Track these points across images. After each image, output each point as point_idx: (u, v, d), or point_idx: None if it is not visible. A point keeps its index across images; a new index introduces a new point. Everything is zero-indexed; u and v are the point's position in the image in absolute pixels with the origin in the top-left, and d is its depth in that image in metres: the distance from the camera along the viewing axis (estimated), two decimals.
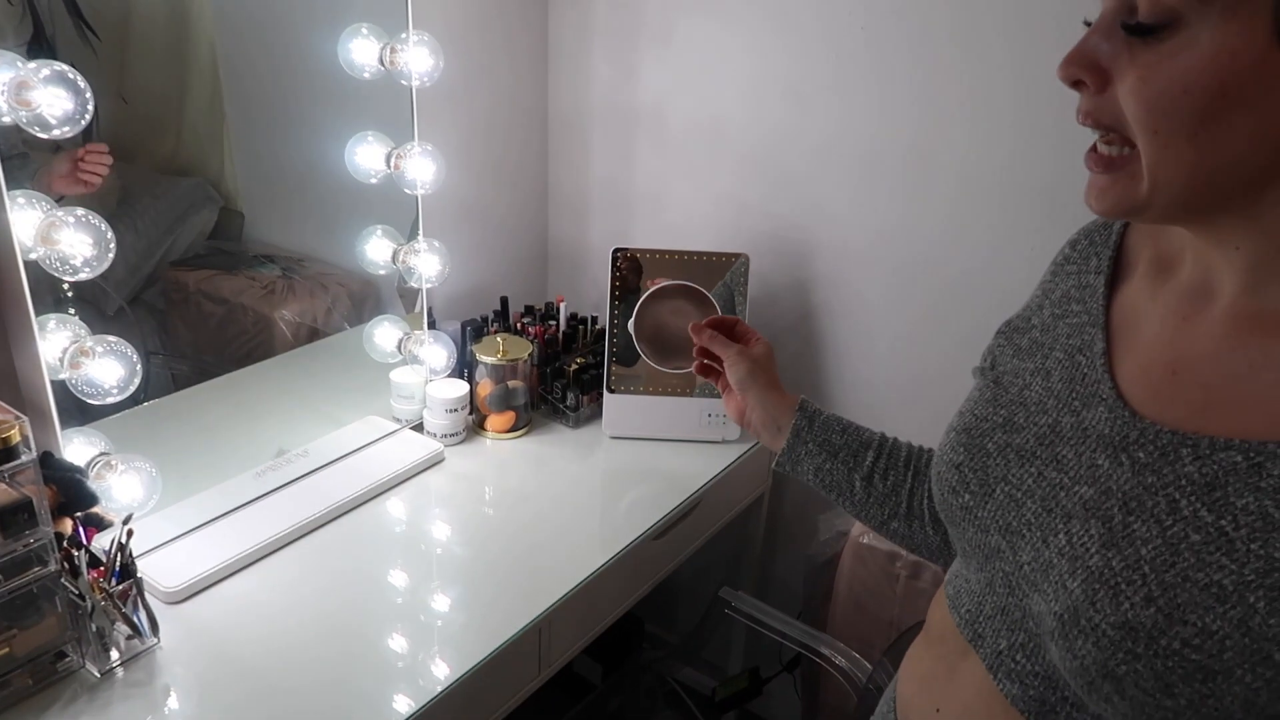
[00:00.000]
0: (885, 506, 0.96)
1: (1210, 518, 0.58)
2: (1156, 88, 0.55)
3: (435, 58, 1.37)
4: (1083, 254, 0.77)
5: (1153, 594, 0.58)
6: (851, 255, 1.56)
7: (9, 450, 0.93)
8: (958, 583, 0.79)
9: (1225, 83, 0.53)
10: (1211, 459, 0.59)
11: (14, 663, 0.99)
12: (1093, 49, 0.59)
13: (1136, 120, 0.57)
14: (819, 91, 1.51)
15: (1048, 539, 0.66)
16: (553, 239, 1.95)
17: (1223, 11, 0.52)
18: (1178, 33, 0.54)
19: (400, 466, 1.45)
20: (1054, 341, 0.74)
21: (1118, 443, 0.65)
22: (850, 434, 0.99)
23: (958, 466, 0.75)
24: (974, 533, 0.73)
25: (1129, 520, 0.61)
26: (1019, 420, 0.73)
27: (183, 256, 1.41)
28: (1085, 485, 0.65)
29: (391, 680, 1.08)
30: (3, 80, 0.94)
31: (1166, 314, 0.68)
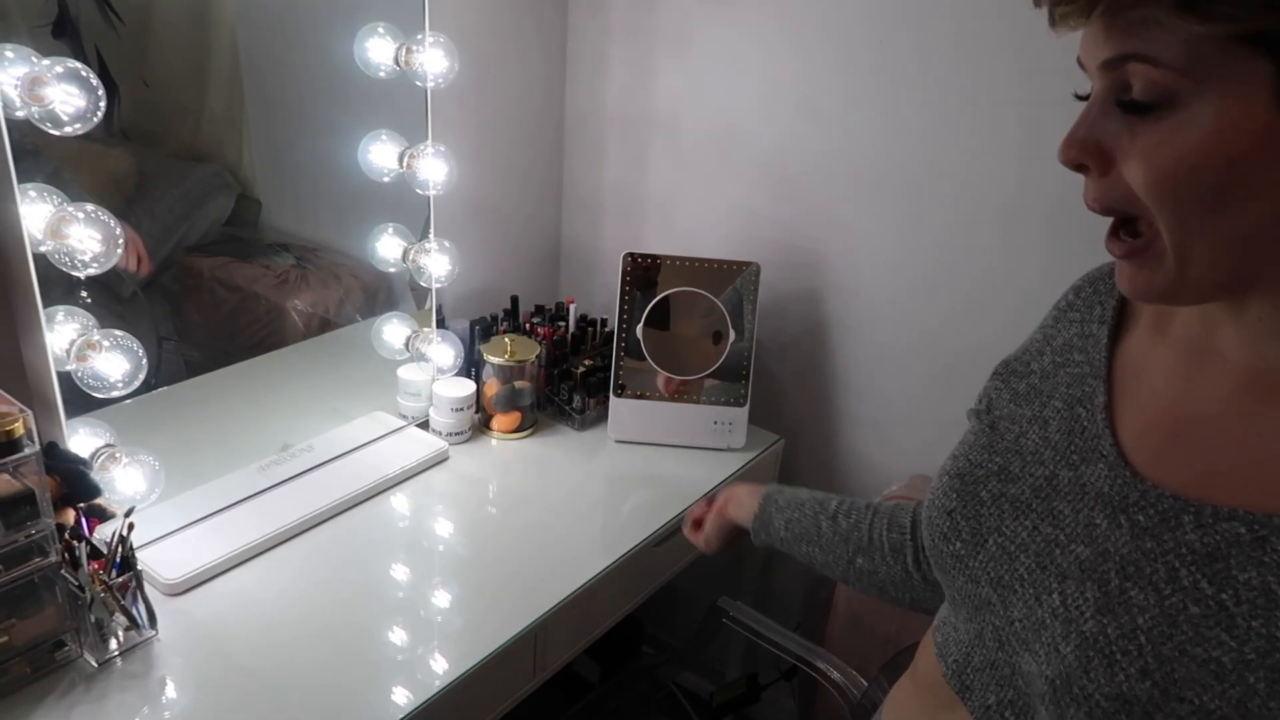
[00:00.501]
0: (849, 542, 0.99)
1: (1210, 590, 0.56)
2: (1163, 169, 0.53)
3: (450, 59, 1.37)
4: (1086, 301, 0.76)
5: (1149, 666, 0.56)
6: (862, 266, 1.56)
7: (12, 443, 0.93)
8: (946, 630, 0.78)
9: (1232, 157, 0.51)
10: (1214, 528, 0.58)
11: (13, 651, 1.00)
12: (1092, 130, 0.56)
13: (1149, 197, 0.55)
14: (833, 103, 1.50)
15: (1040, 597, 0.65)
16: (565, 240, 1.95)
17: (1219, 86, 0.51)
18: (1176, 110, 0.52)
19: (405, 464, 1.46)
20: (1053, 390, 0.73)
21: (1117, 503, 0.63)
22: (814, 494, 1.06)
23: (950, 513, 0.73)
24: (964, 582, 0.72)
25: (1126, 586, 0.60)
26: (1014, 469, 0.71)
27: (198, 242, 1.42)
28: (1082, 544, 0.64)
29: (391, 674, 1.09)
30: (17, 75, 0.94)
31: (1169, 371, 0.66)
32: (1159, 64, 0.51)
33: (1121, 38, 0.53)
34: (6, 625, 0.99)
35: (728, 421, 1.58)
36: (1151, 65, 0.52)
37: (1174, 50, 0.51)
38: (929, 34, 1.38)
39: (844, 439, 1.69)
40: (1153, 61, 0.52)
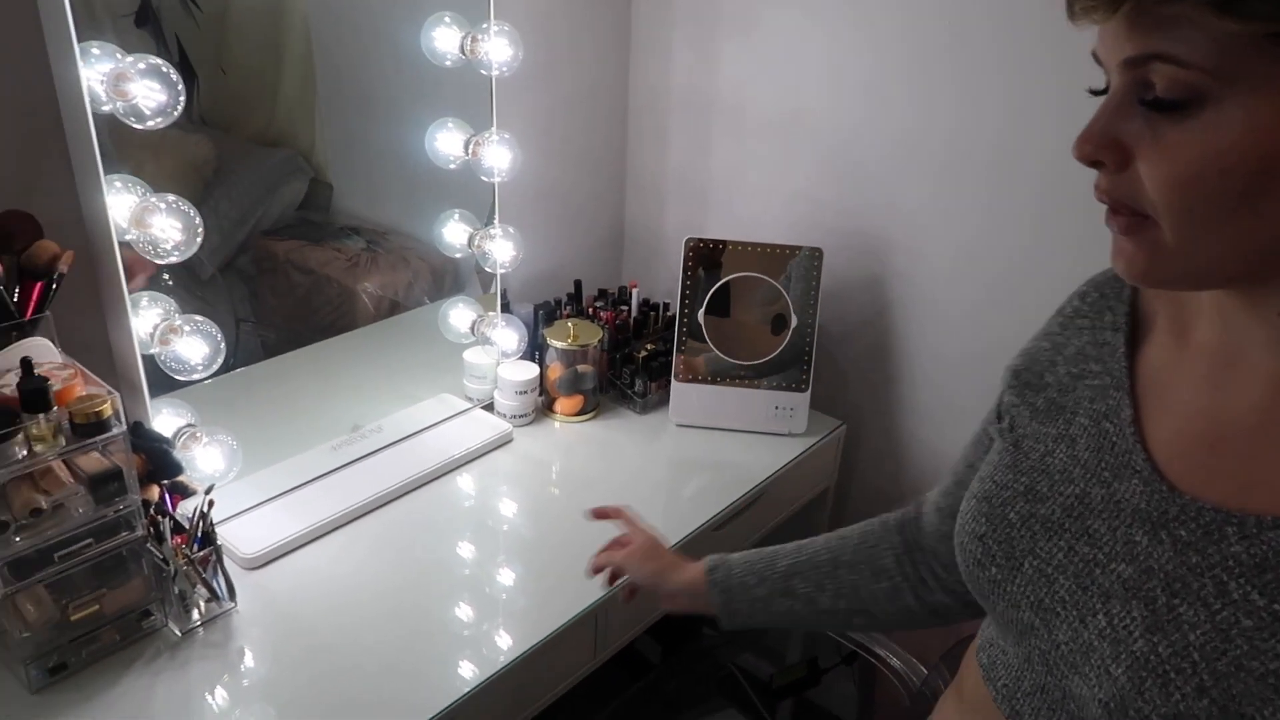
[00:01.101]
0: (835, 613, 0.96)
1: (1262, 602, 0.55)
2: (1189, 170, 0.52)
3: (515, 48, 1.38)
4: (1094, 307, 0.74)
5: (1205, 684, 0.55)
6: (929, 255, 1.54)
7: (101, 423, 0.98)
8: (993, 652, 0.77)
9: (1265, 157, 0.50)
10: (1259, 539, 0.56)
11: (103, 620, 1.06)
12: (1110, 126, 0.55)
13: (1164, 200, 0.53)
14: (901, 86, 1.48)
15: (1085, 619, 0.63)
16: (629, 225, 1.96)
17: (1250, 87, 0.49)
18: (1204, 109, 0.50)
19: (471, 445, 1.49)
20: (1076, 405, 0.70)
21: (1156, 519, 0.62)
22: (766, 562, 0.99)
23: (981, 538, 0.72)
24: (1004, 607, 0.70)
25: (1174, 603, 0.58)
26: (1042, 489, 0.69)
27: (273, 226, 1.46)
28: (1123, 563, 0.62)
29: (457, 649, 1.12)
30: (103, 71, 0.98)
31: (1197, 379, 0.64)
32: (1186, 64, 0.50)
33: (1146, 36, 0.51)
34: (97, 595, 1.05)
35: (789, 407, 1.58)
36: (1177, 65, 0.50)
37: (1203, 50, 0.49)
38: (1006, 11, 1.34)
39: (906, 425, 1.67)
40: (1179, 62, 0.50)
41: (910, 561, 0.94)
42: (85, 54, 0.98)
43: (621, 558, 1.08)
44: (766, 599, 0.97)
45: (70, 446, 0.98)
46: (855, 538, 0.98)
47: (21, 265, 1.03)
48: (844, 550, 0.97)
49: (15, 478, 0.95)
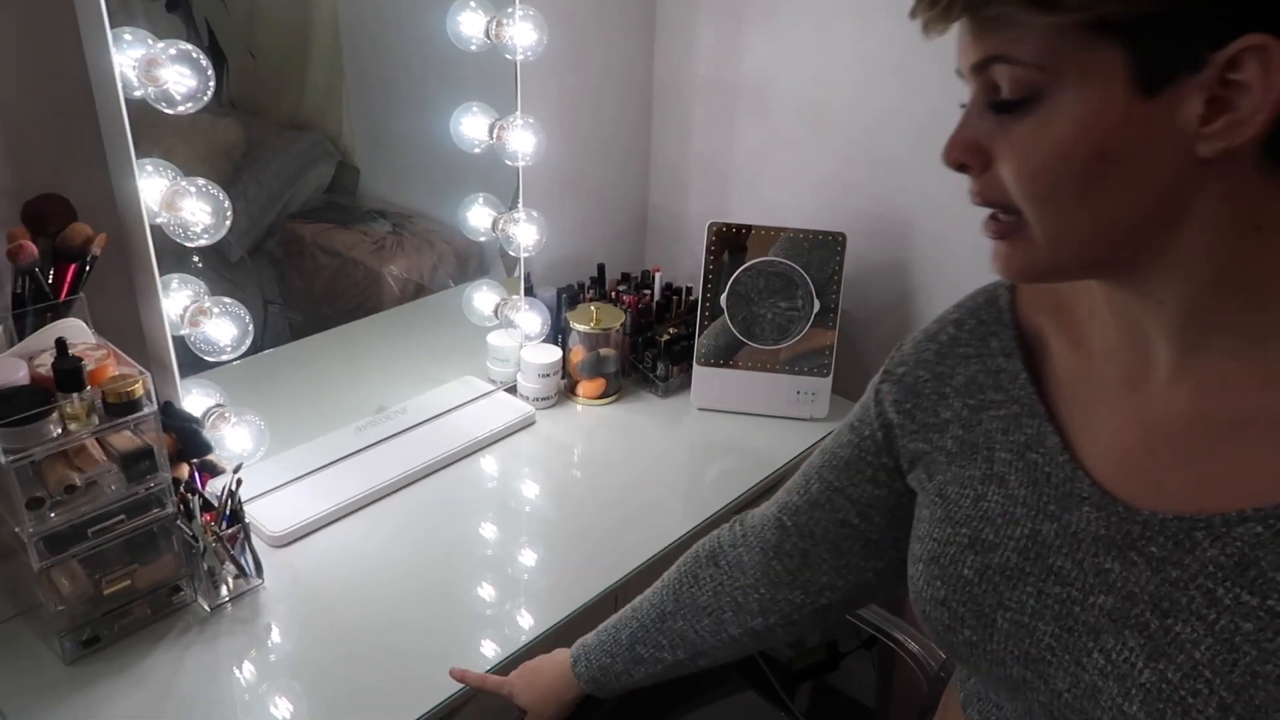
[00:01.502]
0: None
1: (1255, 600, 0.54)
2: (1035, 160, 0.55)
3: (539, 33, 1.39)
4: (974, 334, 0.73)
5: (1225, 701, 0.53)
6: (952, 240, 1.53)
7: (133, 402, 1.00)
8: (985, 708, 0.74)
9: (1098, 142, 0.52)
10: (1231, 536, 0.55)
11: (135, 594, 1.08)
12: (970, 132, 0.58)
13: (1021, 193, 0.56)
14: (927, 71, 1.47)
15: (1080, 660, 0.61)
16: (652, 209, 1.96)
17: (1078, 77, 0.52)
18: (1040, 105, 0.53)
19: (494, 427, 1.51)
20: (989, 440, 0.69)
21: (1121, 542, 0.60)
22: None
23: (943, 603, 0.69)
24: (989, 666, 0.67)
25: (1168, 623, 0.57)
26: (987, 536, 0.67)
27: (301, 209, 1.48)
28: (1101, 594, 0.60)
29: (480, 627, 1.14)
30: (135, 57, 1.00)
31: (1113, 387, 0.63)
32: (1019, 62, 0.53)
33: (984, 41, 0.54)
34: (129, 570, 1.07)
35: (810, 391, 1.58)
36: (1012, 64, 0.53)
37: (1031, 47, 0.52)
38: None
39: None
40: (1013, 61, 0.53)
41: (729, 590, 0.92)
42: (118, 40, 0.99)
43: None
44: (626, 671, 0.97)
45: (103, 425, 1.00)
46: (673, 582, 0.97)
47: (56, 247, 1.05)
48: (666, 601, 0.96)
49: (50, 455, 0.97)
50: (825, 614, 0.89)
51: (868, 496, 0.81)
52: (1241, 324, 0.56)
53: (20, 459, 0.94)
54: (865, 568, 0.85)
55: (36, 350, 1.01)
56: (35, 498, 0.97)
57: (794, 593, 0.88)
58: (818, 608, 0.88)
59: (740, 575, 0.92)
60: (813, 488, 0.85)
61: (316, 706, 1.02)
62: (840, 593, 0.87)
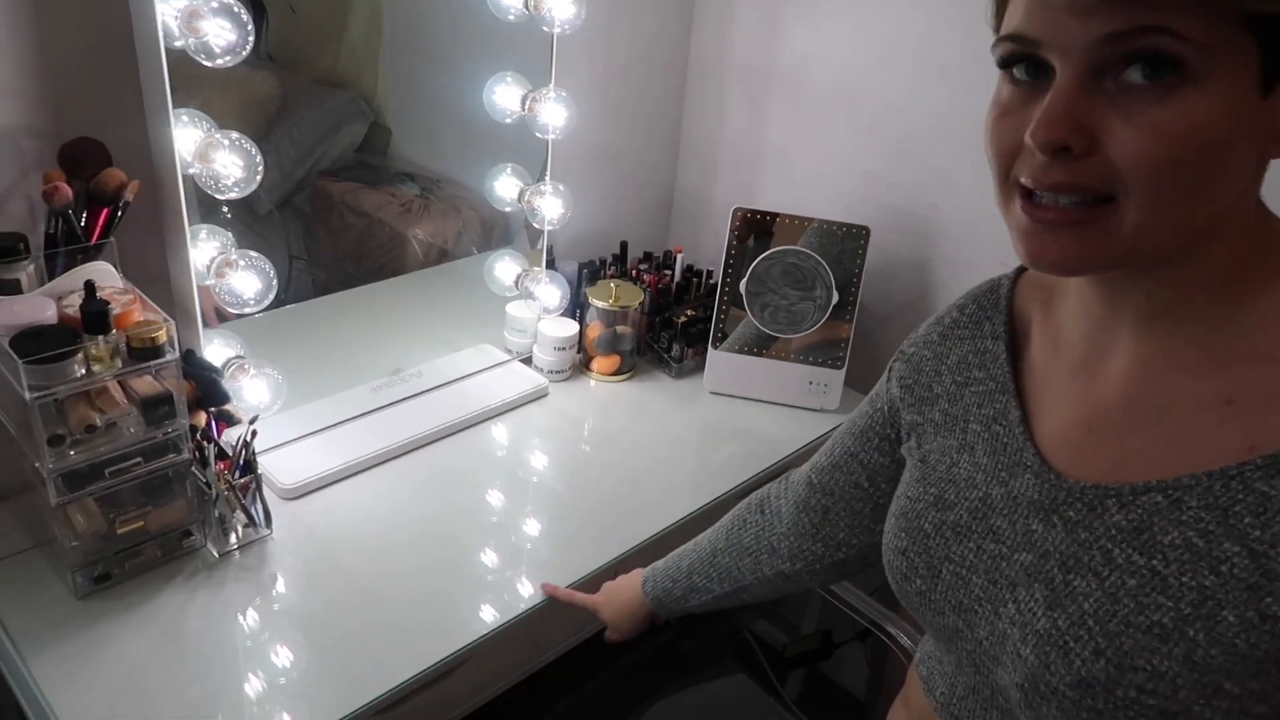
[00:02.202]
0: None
1: (1142, 560, 0.59)
2: (1170, 146, 0.52)
3: (578, 6, 1.39)
4: (972, 318, 0.77)
5: (1100, 646, 0.59)
6: (979, 239, 1.53)
7: (156, 349, 1.02)
8: (930, 664, 0.81)
9: (1231, 132, 0.52)
10: (1135, 504, 0.60)
11: (147, 535, 1.11)
12: (1076, 109, 0.53)
13: (1141, 179, 0.53)
14: (970, 71, 1.46)
15: (998, 610, 0.67)
16: (679, 189, 1.97)
17: (1226, 64, 0.50)
18: (1186, 85, 0.51)
19: (507, 396, 1.52)
20: (967, 412, 0.74)
21: (1048, 506, 0.65)
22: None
23: (903, 552, 0.75)
24: (932, 615, 0.73)
25: (1069, 578, 0.62)
26: (950, 496, 0.73)
27: (331, 167, 1.49)
28: (1023, 551, 0.66)
29: (480, 591, 1.16)
30: (178, 7, 1.01)
31: (1072, 372, 0.68)
32: (1183, 37, 0.50)
33: (1135, 10, 0.50)
34: (143, 512, 1.10)
35: (823, 382, 1.58)
36: (1173, 37, 0.50)
37: (1197, 24, 0.49)
38: None
39: None
40: (1176, 34, 0.50)
41: (767, 535, 1.02)
42: None
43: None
44: (685, 596, 1.09)
45: (126, 369, 1.02)
46: (727, 523, 1.08)
47: (90, 191, 1.07)
48: (719, 539, 1.07)
49: (73, 395, 1.00)
50: (844, 566, 0.97)
51: (875, 463, 0.88)
52: (1205, 315, 0.60)
53: (44, 396, 0.96)
54: (874, 529, 0.91)
55: (65, 291, 1.03)
56: (57, 435, 0.99)
57: (815, 544, 0.96)
58: (835, 560, 0.96)
59: (777, 523, 1.01)
60: (836, 451, 0.94)
61: (315, 657, 1.05)
62: (854, 549, 0.94)
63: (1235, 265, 0.58)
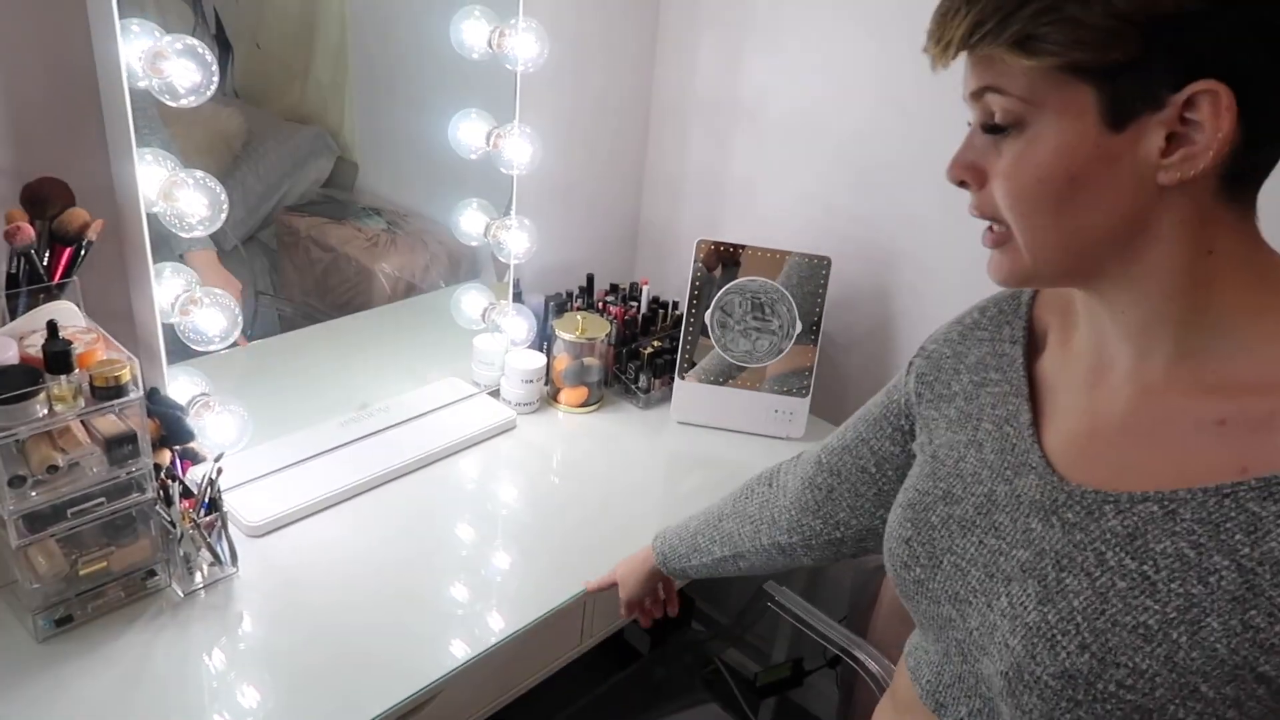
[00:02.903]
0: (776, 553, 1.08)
1: (1134, 565, 0.63)
2: (1019, 181, 0.62)
3: (541, 45, 1.41)
4: (993, 321, 0.81)
5: (1086, 641, 0.63)
6: (935, 266, 1.56)
7: (120, 388, 1.02)
8: (918, 655, 0.84)
9: (1070, 168, 0.60)
10: (1131, 511, 0.64)
11: (110, 576, 1.10)
12: (970, 153, 0.66)
13: (1007, 208, 0.64)
14: (921, 100, 1.50)
15: (991, 603, 0.70)
16: (644, 222, 1.99)
17: (1057, 110, 0.59)
18: (1025, 131, 0.61)
19: (475, 429, 1.53)
20: (980, 412, 0.78)
21: (1048, 506, 0.69)
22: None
23: (907, 541, 0.79)
24: (927, 604, 0.77)
25: (1062, 576, 0.66)
26: (957, 491, 0.77)
27: (297, 202, 1.49)
28: (1021, 549, 0.70)
29: (450, 627, 1.16)
30: (142, 49, 1.02)
31: (1077, 382, 0.72)
32: (1007, 93, 0.61)
33: (981, 73, 0.62)
34: (106, 552, 1.09)
35: (789, 411, 1.60)
36: (1002, 94, 0.61)
37: (1019, 81, 0.60)
38: None
39: None
40: (1002, 91, 0.61)
41: (770, 506, 1.07)
42: (126, 31, 1.01)
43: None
44: (687, 555, 1.15)
45: (89, 408, 1.02)
46: (737, 492, 1.14)
47: (53, 231, 1.07)
48: (727, 505, 1.14)
49: (35, 435, 0.99)
50: (839, 547, 1.02)
51: (884, 451, 0.93)
52: (1182, 337, 0.64)
53: (5, 437, 0.96)
54: (875, 514, 0.96)
55: (28, 330, 1.03)
56: (18, 476, 0.99)
57: (815, 520, 1.01)
58: (832, 539, 1.01)
59: (781, 496, 1.06)
60: (847, 435, 0.98)
61: (283, 696, 1.04)
62: (852, 531, 0.99)
63: (1211, 293, 0.62)
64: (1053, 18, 0.56)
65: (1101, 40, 0.56)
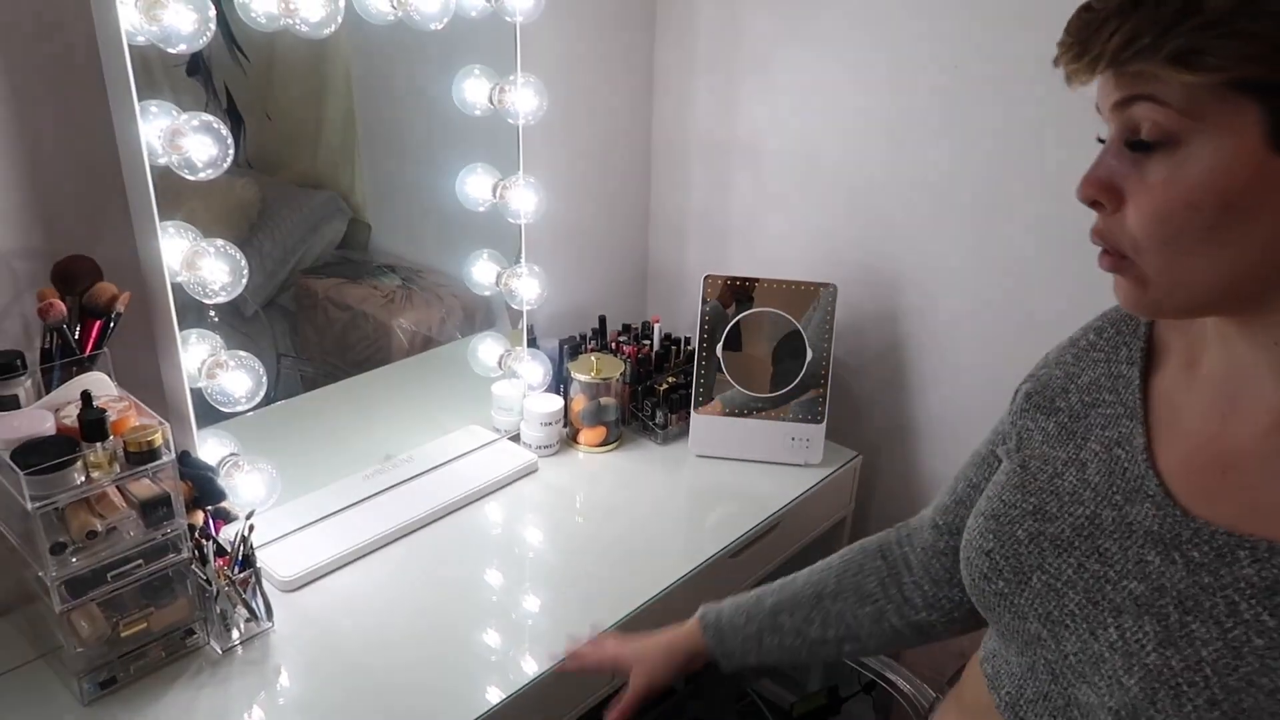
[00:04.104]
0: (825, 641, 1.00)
1: (1273, 623, 0.58)
2: (1166, 205, 0.57)
3: (540, 98, 1.46)
4: (1110, 342, 0.77)
5: (1216, 697, 0.59)
6: (937, 287, 1.58)
7: (152, 452, 1.05)
8: (997, 663, 0.80)
9: (1227, 194, 0.56)
10: (1271, 563, 0.60)
11: (150, 636, 1.13)
12: (1106, 169, 0.61)
13: (1147, 234, 0.59)
14: (911, 127, 1.54)
15: (1095, 631, 0.67)
16: (652, 262, 2.03)
17: (1216, 127, 0.55)
18: (1178, 150, 0.57)
19: (498, 474, 1.55)
20: (1088, 431, 0.74)
21: (1169, 540, 0.65)
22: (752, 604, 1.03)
23: (988, 554, 0.76)
24: (1010, 619, 0.74)
25: (1186, 620, 0.62)
26: (1051, 509, 0.73)
27: (314, 265, 1.53)
28: (1134, 581, 0.66)
29: (484, 671, 1.17)
30: (161, 127, 1.07)
31: (1206, 409, 0.68)
32: (1163, 104, 0.56)
33: (1129, 82, 0.58)
34: (146, 613, 1.11)
35: (805, 438, 1.62)
36: (1155, 104, 0.56)
37: (1175, 92, 0.56)
38: (1001, 59, 1.40)
39: (922, 456, 1.71)
40: (1157, 101, 0.56)
41: (895, 583, 0.97)
42: (145, 112, 1.06)
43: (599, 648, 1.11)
44: (757, 635, 1.01)
45: (124, 473, 1.05)
46: (837, 567, 1.02)
47: (83, 305, 1.11)
48: (827, 582, 1.01)
49: (73, 502, 1.02)
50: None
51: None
52: None
53: (45, 505, 0.99)
54: None
55: (63, 402, 1.07)
56: (58, 543, 1.02)
57: (953, 590, 0.93)
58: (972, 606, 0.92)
59: (906, 571, 0.97)
60: (958, 487, 0.92)
61: None
62: None
63: None
64: (1220, 31, 0.53)
65: (1273, 55, 0.52)
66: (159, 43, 1.03)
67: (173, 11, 1.01)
